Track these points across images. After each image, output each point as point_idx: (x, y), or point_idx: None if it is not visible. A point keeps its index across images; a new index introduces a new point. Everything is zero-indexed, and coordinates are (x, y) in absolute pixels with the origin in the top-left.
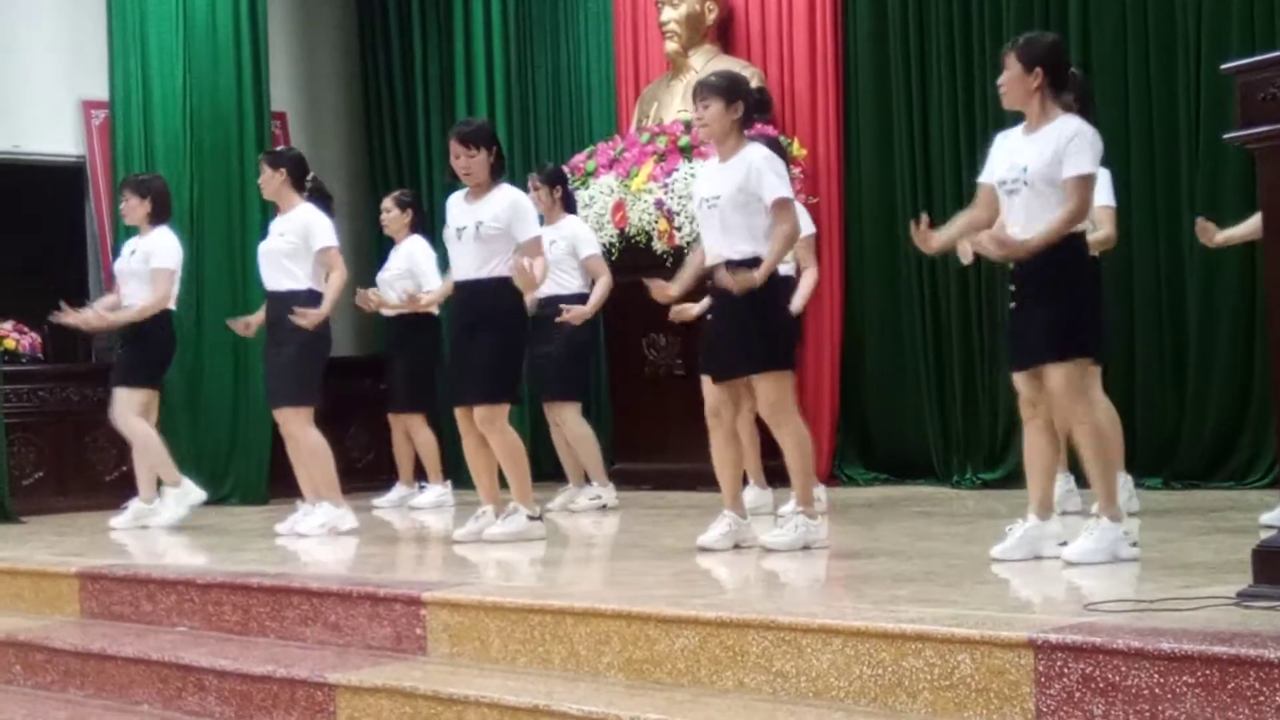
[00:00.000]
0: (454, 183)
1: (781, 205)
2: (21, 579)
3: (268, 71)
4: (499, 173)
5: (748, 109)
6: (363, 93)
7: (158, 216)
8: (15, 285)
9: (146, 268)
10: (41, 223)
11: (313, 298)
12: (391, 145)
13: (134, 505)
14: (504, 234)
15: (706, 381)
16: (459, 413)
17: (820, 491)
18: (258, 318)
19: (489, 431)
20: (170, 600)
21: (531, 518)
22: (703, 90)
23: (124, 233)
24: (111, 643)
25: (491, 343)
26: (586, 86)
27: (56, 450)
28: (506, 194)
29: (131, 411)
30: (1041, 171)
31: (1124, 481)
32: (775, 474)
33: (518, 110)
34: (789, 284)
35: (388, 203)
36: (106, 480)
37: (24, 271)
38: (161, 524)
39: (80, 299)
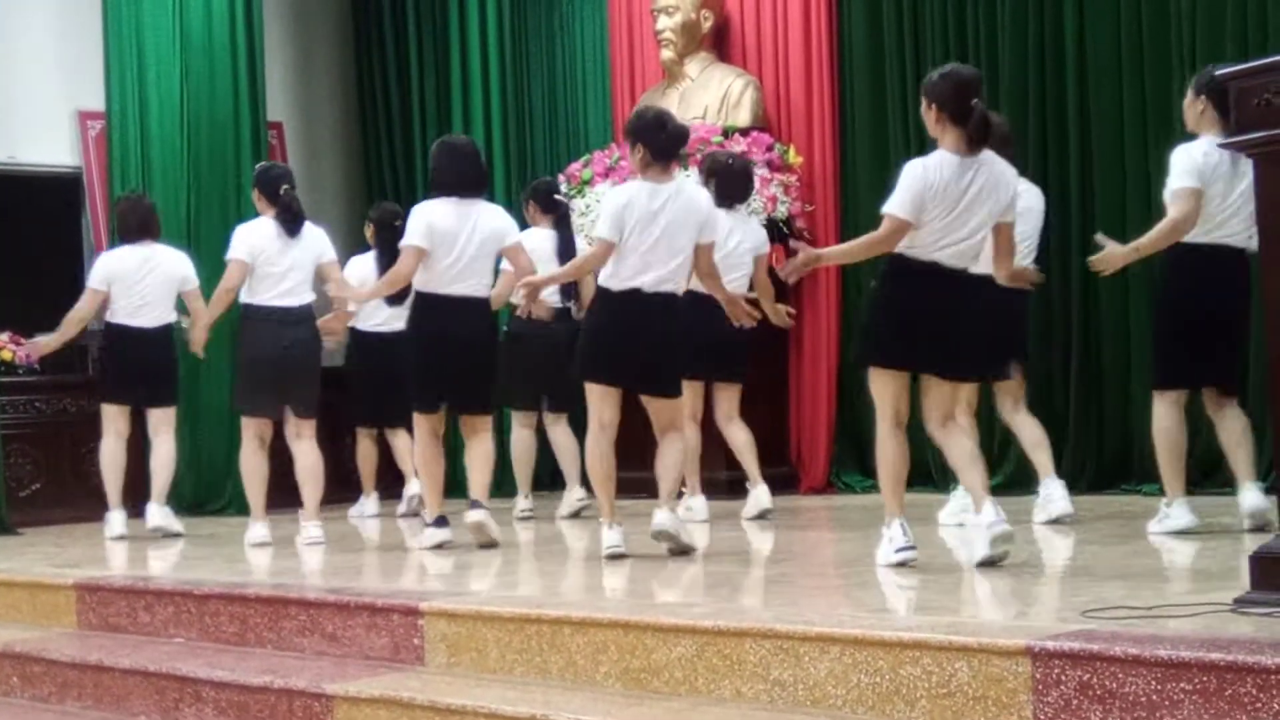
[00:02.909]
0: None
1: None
2: (18, 590)
3: (264, 81)
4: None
5: (649, 147)
6: (359, 102)
7: (121, 236)
8: (11, 296)
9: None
10: (37, 233)
11: (247, 310)
12: (388, 155)
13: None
14: None
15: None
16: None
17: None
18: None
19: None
20: (167, 611)
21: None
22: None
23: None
24: (109, 654)
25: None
26: (582, 95)
27: (53, 461)
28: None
29: (105, 427)
30: None
31: (1058, 487)
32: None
33: (514, 119)
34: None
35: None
36: (104, 491)
37: (20, 282)
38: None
39: None
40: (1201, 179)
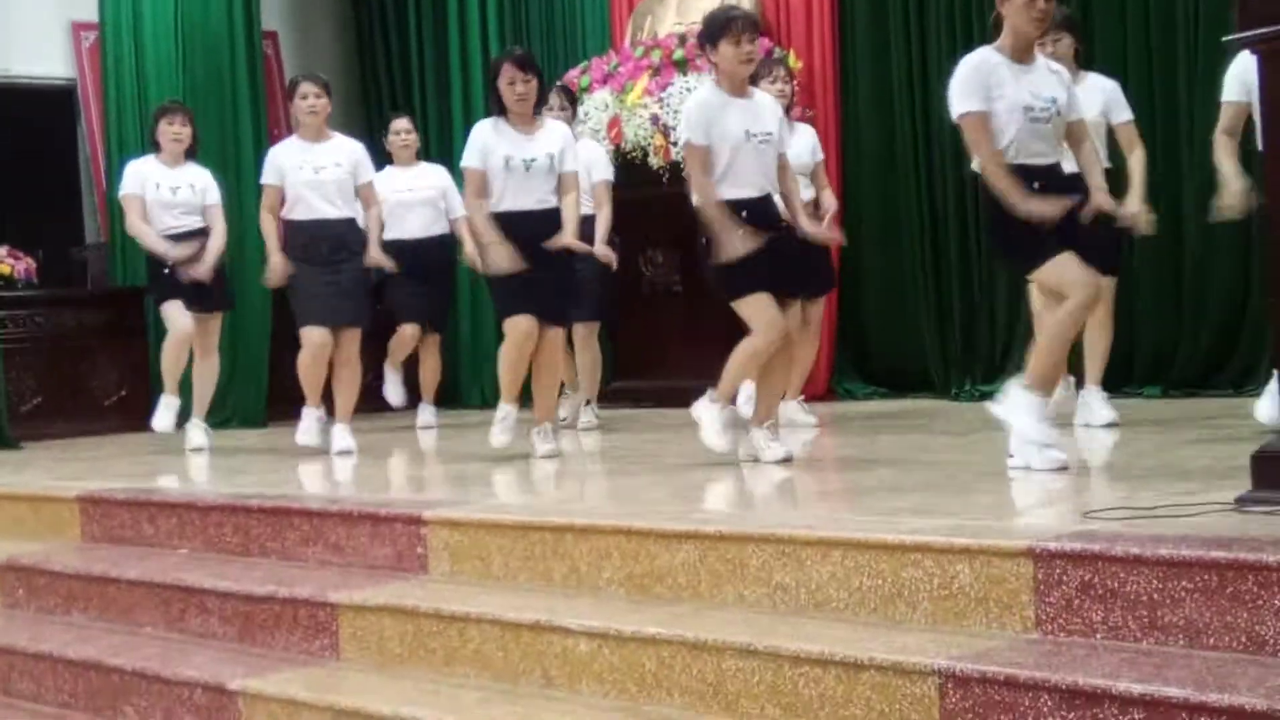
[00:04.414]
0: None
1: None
2: (22, 503)
3: None
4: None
5: None
6: (353, 9)
7: (195, 149)
8: (8, 210)
9: (203, 201)
10: (32, 146)
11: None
12: (384, 65)
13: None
14: (557, 169)
15: (772, 305)
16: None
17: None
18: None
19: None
20: (171, 523)
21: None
22: (754, 27)
23: (119, 155)
24: (113, 566)
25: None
26: (580, 1)
27: (54, 376)
28: (560, 128)
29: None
30: (1070, 107)
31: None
32: None
33: (510, 25)
34: None
35: (407, 123)
36: (105, 405)
37: (16, 196)
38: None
39: (73, 222)
40: None
